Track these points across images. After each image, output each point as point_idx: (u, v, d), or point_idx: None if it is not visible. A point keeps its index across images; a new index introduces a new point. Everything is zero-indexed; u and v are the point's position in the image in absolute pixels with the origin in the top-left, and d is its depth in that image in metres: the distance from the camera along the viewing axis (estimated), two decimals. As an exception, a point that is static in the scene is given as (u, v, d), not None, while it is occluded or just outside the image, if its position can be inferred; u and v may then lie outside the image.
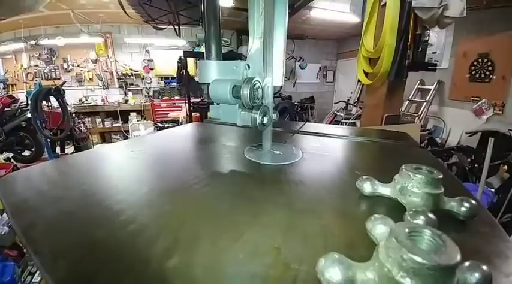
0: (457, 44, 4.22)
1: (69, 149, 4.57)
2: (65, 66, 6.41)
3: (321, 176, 0.49)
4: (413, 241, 0.22)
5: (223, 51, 2.74)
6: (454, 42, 4.24)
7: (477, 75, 3.89)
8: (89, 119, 6.06)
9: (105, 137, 6.31)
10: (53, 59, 6.41)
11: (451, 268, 0.19)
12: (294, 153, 0.53)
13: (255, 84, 0.40)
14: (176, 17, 2.95)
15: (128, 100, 6.52)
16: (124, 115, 6.34)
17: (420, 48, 1.67)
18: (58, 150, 4.18)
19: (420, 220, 0.27)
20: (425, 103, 4.58)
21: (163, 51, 6.63)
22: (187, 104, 4.22)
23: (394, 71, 1.48)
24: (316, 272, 0.23)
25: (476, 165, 2.64)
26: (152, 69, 6.72)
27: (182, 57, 4.53)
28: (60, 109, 3.16)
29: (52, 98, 3.09)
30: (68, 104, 3.01)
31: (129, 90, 6.65)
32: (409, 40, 1.46)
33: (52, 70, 6.42)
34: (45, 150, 3.38)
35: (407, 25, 1.38)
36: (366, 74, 1.84)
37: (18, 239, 2.01)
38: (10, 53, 6.35)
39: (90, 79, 6.47)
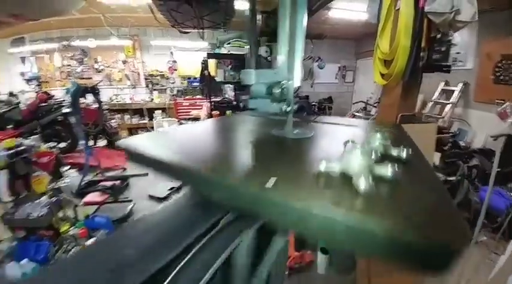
0: (481, 45, 4.10)
1: (100, 143, 4.96)
2: (96, 66, 6.89)
3: (319, 144, 0.73)
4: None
5: (242, 53, 2.99)
6: (478, 42, 4.12)
7: (501, 77, 3.77)
8: (119, 116, 6.51)
9: (133, 132, 6.74)
10: (85, 59, 6.92)
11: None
12: (306, 133, 0.75)
13: (282, 86, 0.56)
14: (200, 22, 3.16)
15: (153, 99, 6.92)
16: (149, 113, 6.75)
17: (444, 48, 1.72)
18: (91, 143, 4.56)
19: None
20: (449, 105, 4.47)
21: (186, 53, 6.95)
22: (208, 103, 4.45)
23: (408, 72, 1.56)
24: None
25: (499, 169, 2.61)
26: (176, 70, 7.07)
27: (205, 59, 4.75)
28: (94, 106, 3.48)
29: (88, 95, 3.42)
30: (102, 101, 3.32)
31: (155, 89, 7.05)
32: (424, 42, 1.54)
33: (84, 70, 6.94)
34: (81, 142, 3.74)
35: (421, 28, 1.46)
36: (382, 75, 1.92)
37: (54, 221, 2.26)
38: (43, 52, 6.89)
39: (119, 79, 6.92)
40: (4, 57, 6.65)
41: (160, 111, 6.69)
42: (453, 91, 4.52)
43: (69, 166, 3.39)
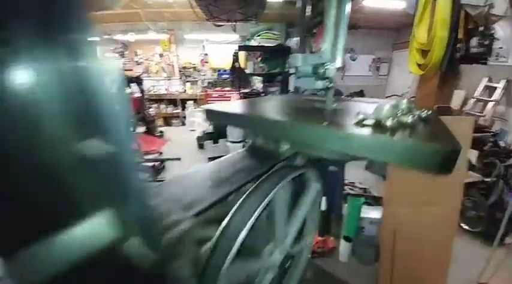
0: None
1: (139, 129, 5.39)
2: (136, 59, 7.37)
3: (354, 111, 0.79)
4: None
5: (272, 45, 3.10)
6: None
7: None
8: (155, 105, 6.97)
9: (167, 121, 7.21)
10: (126, 52, 7.42)
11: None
12: (343, 105, 0.86)
13: (326, 66, 0.65)
14: (234, 15, 3.28)
15: (186, 90, 7.28)
16: (182, 103, 7.14)
17: (487, 42, 1.63)
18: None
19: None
20: (491, 103, 4.14)
21: (216, 46, 7.16)
22: (237, 94, 4.60)
23: (445, 63, 1.53)
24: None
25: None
26: (207, 62, 7.32)
27: (236, 51, 4.87)
28: (136, 96, 3.80)
29: (132, 85, 3.76)
30: (144, 90, 3.63)
31: (187, 81, 7.40)
32: (461, 34, 1.49)
33: (125, 62, 7.45)
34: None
35: (458, 20, 1.42)
36: (419, 65, 1.89)
37: None
38: None
39: (156, 71, 7.36)
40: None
41: (192, 102, 7.04)
42: (496, 88, 4.16)
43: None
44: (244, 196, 0.44)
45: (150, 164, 3.58)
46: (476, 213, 2.51)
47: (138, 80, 3.25)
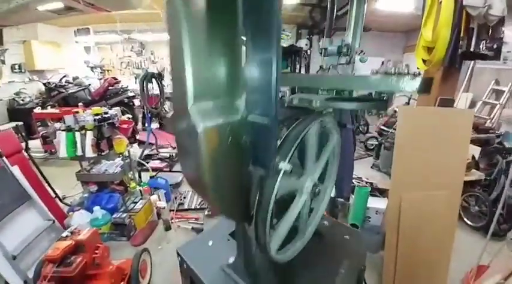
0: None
1: (153, 125, 5.64)
2: (152, 58, 7.69)
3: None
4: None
5: (284, 45, 3.35)
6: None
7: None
8: (169, 103, 7.23)
9: (179, 118, 7.44)
10: (143, 51, 7.75)
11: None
12: None
13: (348, 45, 0.82)
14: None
15: (197, 88, 7.52)
16: (194, 101, 7.36)
17: (496, 45, 1.74)
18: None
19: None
20: (498, 105, 4.21)
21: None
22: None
23: (447, 58, 1.66)
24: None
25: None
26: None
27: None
28: (155, 93, 4.02)
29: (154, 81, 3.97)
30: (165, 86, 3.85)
31: (200, 79, 7.64)
32: (462, 32, 1.63)
33: (142, 61, 7.78)
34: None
35: (460, 20, 1.57)
36: (424, 61, 2.02)
37: (125, 178, 2.71)
38: (106, 43, 7.73)
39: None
40: (70, 45, 7.52)
41: (204, 100, 7.25)
42: (503, 91, 4.23)
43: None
44: (288, 130, 0.61)
45: (167, 155, 3.81)
46: (479, 209, 2.59)
47: (160, 76, 3.48)
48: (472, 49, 1.68)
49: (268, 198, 0.53)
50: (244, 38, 0.43)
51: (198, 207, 2.87)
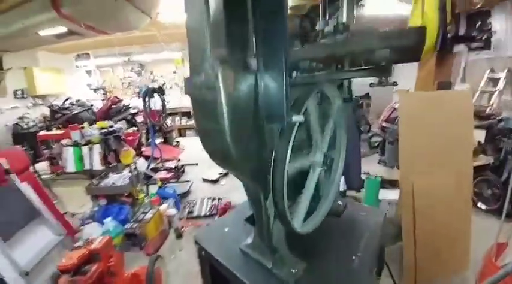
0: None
1: (157, 140, 5.69)
2: (152, 77, 7.87)
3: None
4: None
5: None
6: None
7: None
8: (171, 118, 7.33)
9: (182, 132, 7.53)
10: (143, 71, 7.95)
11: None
12: None
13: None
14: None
15: (198, 102, 7.65)
16: (195, 115, 7.47)
17: (485, 36, 1.80)
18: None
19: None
20: (496, 92, 4.25)
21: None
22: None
23: (438, 42, 1.71)
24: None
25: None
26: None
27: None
28: (157, 109, 4.10)
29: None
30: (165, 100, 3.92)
31: (199, 94, 7.78)
32: (449, 17, 1.69)
33: (142, 80, 7.95)
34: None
35: (445, 4, 1.62)
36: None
37: (133, 190, 2.72)
38: (106, 65, 7.97)
39: (171, 87, 7.81)
40: (72, 70, 7.77)
41: (204, 114, 7.36)
42: (499, 78, 4.29)
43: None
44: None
45: (173, 167, 3.82)
46: (491, 192, 2.57)
47: (160, 90, 3.56)
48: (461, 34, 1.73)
49: (284, 154, 0.55)
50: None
51: (208, 214, 2.86)
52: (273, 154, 0.57)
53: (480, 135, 2.71)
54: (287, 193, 0.61)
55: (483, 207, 2.61)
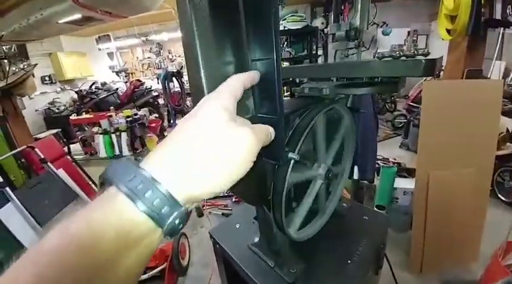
0: None
1: (178, 121, 5.91)
2: (170, 57, 7.91)
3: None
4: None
5: (299, 27, 3.28)
6: None
7: None
8: (190, 98, 7.47)
9: (202, 112, 7.68)
10: (161, 51, 7.99)
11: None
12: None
13: (357, 29, 0.84)
14: None
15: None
16: (215, 95, 7.54)
17: None
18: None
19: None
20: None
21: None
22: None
23: (471, 26, 1.55)
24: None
25: None
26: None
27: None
28: (177, 90, 4.20)
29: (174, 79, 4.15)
30: (184, 83, 4.00)
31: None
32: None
33: (161, 60, 8.04)
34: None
35: None
36: (448, 32, 1.90)
37: None
38: (126, 47, 8.12)
39: (188, 65, 7.84)
40: (94, 53, 8.02)
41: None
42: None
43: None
44: (300, 118, 0.67)
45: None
46: (512, 184, 2.45)
47: (179, 74, 3.62)
48: (496, 16, 1.54)
49: (281, 186, 0.60)
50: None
51: (226, 194, 3.04)
52: (273, 183, 0.62)
53: (510, 121, 2.52)
54: (286, 202, 0.67)
55: (503, 198, 2.51)
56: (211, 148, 0.30)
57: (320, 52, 6.37)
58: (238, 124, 0.33)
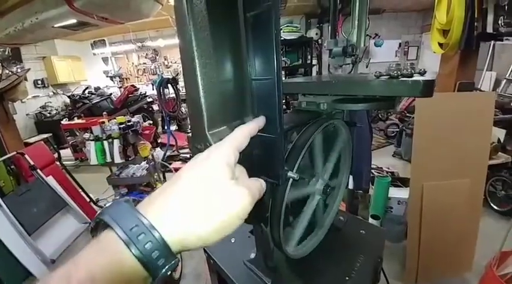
0: None
1: (172, 127, 5.86)
2: (166, 63, 7.89)
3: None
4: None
5: (294, 37, 3.34)
6: None
7: None
8: (185, 105, 7.43)
9: (196, 119, 7.64)
10: (157, 57, 7.97)
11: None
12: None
13: (354, 46, 0.84)
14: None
15: (211, 88, 7.67)
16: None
17: None
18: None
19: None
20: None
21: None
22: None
23: (464, 40, 1.59)
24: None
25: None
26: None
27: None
28: (172, 96, 4.16)
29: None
30: (180, 90, 3.98)
31: (213, 79, 7.77)
32: (476, 13, 1.55)
33: (156, 66, 8.02)
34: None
35: (473, 1, 1.49)
36: (441, 45, 1.95)
37: (151, 180, 2.92)
38: (122, 52, 8.06)
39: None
40: (89, 58, 7.93)
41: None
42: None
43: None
44: (298, 135, 0.66)
45: (189, 157, 3.97)
46: (505, 193, 2.49)
47: (174, 81, 3.61)
48: (488, 28, 1.59)
49: (280, 205, 0.59)
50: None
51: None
52: (271, 201, 0.60)
53: (500, 132, 2.58)
54: (283, 219, 0.65)
55: (495, 207, 2.55)
56: (212, 204, 0.32)
57: (314, 62, 6.51)
58: (238, 183, 0.35)
